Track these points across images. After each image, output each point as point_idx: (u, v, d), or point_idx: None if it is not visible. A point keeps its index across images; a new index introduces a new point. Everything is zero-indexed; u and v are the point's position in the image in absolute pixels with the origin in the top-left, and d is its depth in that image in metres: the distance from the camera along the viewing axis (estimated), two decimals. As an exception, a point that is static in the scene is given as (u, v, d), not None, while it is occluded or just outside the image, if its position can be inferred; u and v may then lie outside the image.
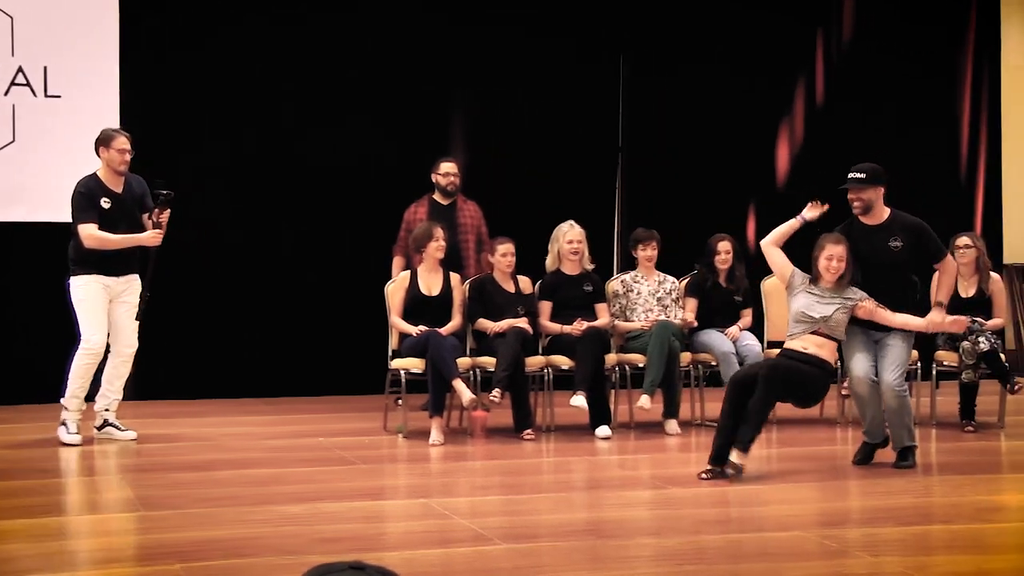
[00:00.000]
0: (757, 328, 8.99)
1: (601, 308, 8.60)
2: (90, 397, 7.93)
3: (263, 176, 9.98)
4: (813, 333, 7.03)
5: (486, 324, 8.38)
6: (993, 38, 11.88)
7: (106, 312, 7.81)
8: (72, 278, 7.82)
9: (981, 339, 8.37)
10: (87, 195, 7.74)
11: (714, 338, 8.67)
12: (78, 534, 5.61)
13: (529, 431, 8.14)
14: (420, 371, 8.10)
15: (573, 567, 5.14)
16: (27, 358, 9.54)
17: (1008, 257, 11.97)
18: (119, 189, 7.83)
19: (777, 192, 11.36)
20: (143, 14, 9.68)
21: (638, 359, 8.49)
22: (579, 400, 8.09)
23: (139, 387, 9.78)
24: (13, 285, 9.57)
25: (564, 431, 8.37)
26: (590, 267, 8.71)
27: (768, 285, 9.25)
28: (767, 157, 11.33)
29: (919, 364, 8.79)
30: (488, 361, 8.24)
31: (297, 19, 10.08)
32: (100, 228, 7.73)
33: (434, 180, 9.23)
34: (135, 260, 7.93)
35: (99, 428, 8.00)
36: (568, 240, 8.62)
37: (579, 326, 8.32)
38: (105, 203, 7.77)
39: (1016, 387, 8.43)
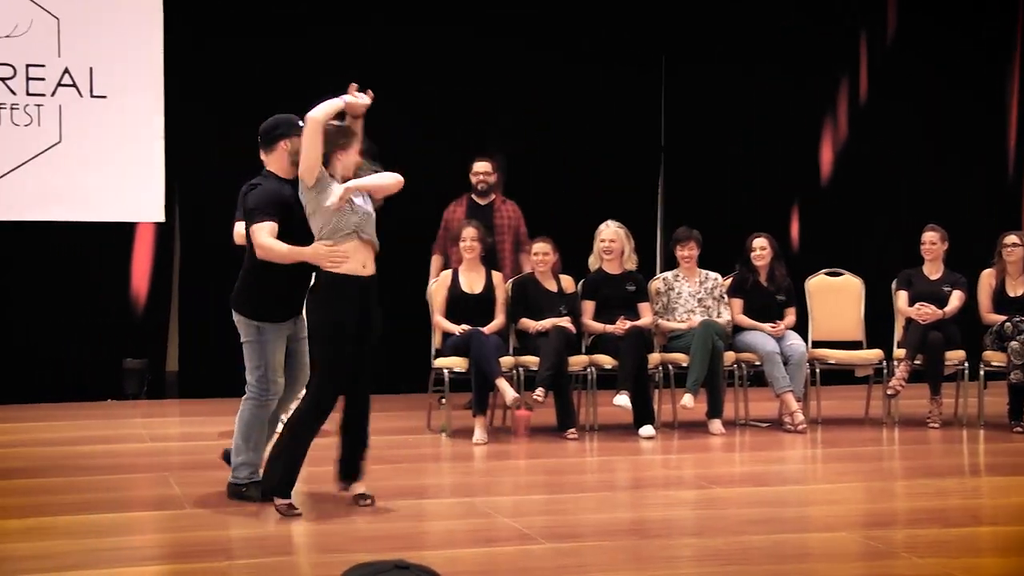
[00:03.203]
0: (801, 328, 8.93)
1: (644, 307, 8.57)
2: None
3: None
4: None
5: (528, 323, 8.37)
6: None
7: None
8: None
9: (1030, 339, 8.29)
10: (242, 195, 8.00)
11: (757, 337, 8.61)
12: (125, 531, 5.64)
13: (572, 430, 8.12)
14: (463, 370, 8.10)
15: (616, 567, 5.13)
16: (73, 357, 9.63)
17: (1056, 256, 11.82)
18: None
19: (821, 190, 11.29)
20: (187, 14, 9.73)
21: (681, 358, 8.45)
22: (622, 399, 8.07)
23: (183, 385, 9.88)
24: (59, 283, 9.65)
25: (607, 430, 8.35)
26: (633, 266, 8.68)
27: (812, 284, 9.20)
28: (811, 155, 11.25)
29: (966, 364, 8.71)
30: (531, 360, 8.23)
31: (340, 24, 10.09)
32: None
33: (471, 179, 9.25)
34: None
35: None
36: (602, 239, 8.61)
37: (622, 325, 8.30)
38: None
39: (1065, 387, 8.34)
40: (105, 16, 9.53)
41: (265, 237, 5.90)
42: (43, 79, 9.44)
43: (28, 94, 9.40)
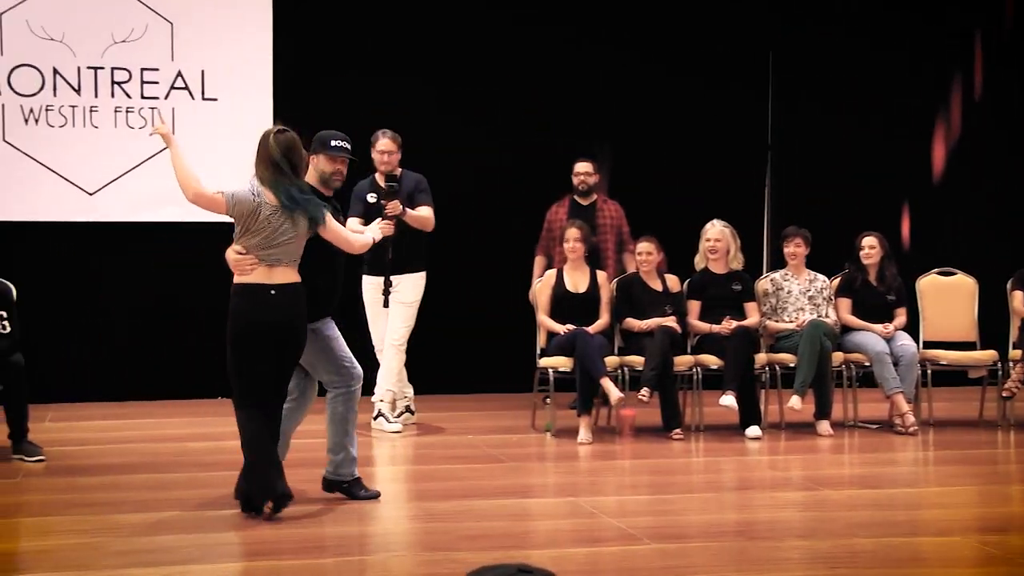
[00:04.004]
0: (912, 328, 8.77)
1: (750, 307, 8.49)
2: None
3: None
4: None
5: (633, 323, 8.34)
6: None
7: (378, 311, 8.29)
8: None
9: None
10: (356, 192, 8.31)
11: (867, 338, 8.48)
12: (235, 526, 5.73)
13: (678, 430, 8.08)
14: (568, 370, 8.10)
15: (722, 568, 5.08)
16: (187, 355, 9.80)
17: None
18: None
19: (933, 188, 11.08)
20: (296, 17, 9.86)
21: (788, 359, 8.36)
22: (728, 400, 8.01)
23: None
24: (172, 283, 9.83)
25: (713, 431, 8.28)
26: (739, 266, 8.61)
27: (924, 284, 9.04)
28: (922, 152, 11.05)
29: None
30: (636, 360, 8.20)
31: (445, 27, 10.14)
32: (366, 222, 8.07)
33: (572, 180, 9.27)
34: (407, 259, 8.21)
35: (374, 418, 8.41)
36: (707, 238, 8.56)
37: (728, 325, 8.24)
38: (371, 198, 8.24)
39: None
40: (216, 20, 9.70)
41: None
42: (157, 82, 9.65)
43: (143, 97, 9.61)
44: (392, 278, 8.22)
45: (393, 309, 8.27)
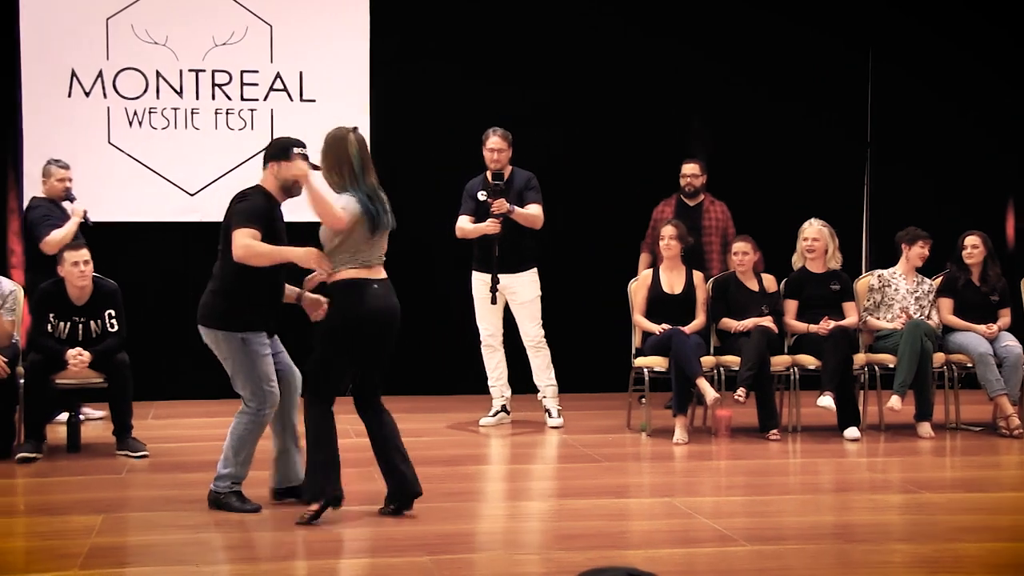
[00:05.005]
0: (1017, 329, 8.60)
1: (849, 307, 8.39)
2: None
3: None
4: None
5: (730, 323, 8.28)
6: None
7: (487, 307, 8.39)
8: None
9: None
10: (467, 190, 8.40)
11: (970, 338, 8.33)
12: (332, 524, 5.79)
13: (774, 431, 8.01)
14: (664, 369, 8.07)
15: (820, 571, 5.04)
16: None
17: None
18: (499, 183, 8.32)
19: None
20: (393, 19, 9.93)
21: (888, 359, 8.24)
22: (826, 400, 7.92)
23: (391, 383, 10.07)
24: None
25: (811, 432, 8.20)
26: (837, 265, 8.51)
27: (1029, 283, 8.86)
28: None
29: None
30: (732, 360, 8.14)
31: (547, 26, 10.14)
32: (477, 220, 8.31)
33: (680, 181, 9.26)
34: (516, 257, 8.33)
35: (547, 414, 8.54)
36: (805, 237, 8.48)
37: (826, 325, 8.15)
38: (481, 195, 8.32)
39: None
40: (314, 22, 9.82)
41: (249, 239, 5.91)
42: (256, 84, 9.79)
43: (242, 99, 9.76)
44: (504, 279, 8.27)
45: (518, 312, 8.39)
